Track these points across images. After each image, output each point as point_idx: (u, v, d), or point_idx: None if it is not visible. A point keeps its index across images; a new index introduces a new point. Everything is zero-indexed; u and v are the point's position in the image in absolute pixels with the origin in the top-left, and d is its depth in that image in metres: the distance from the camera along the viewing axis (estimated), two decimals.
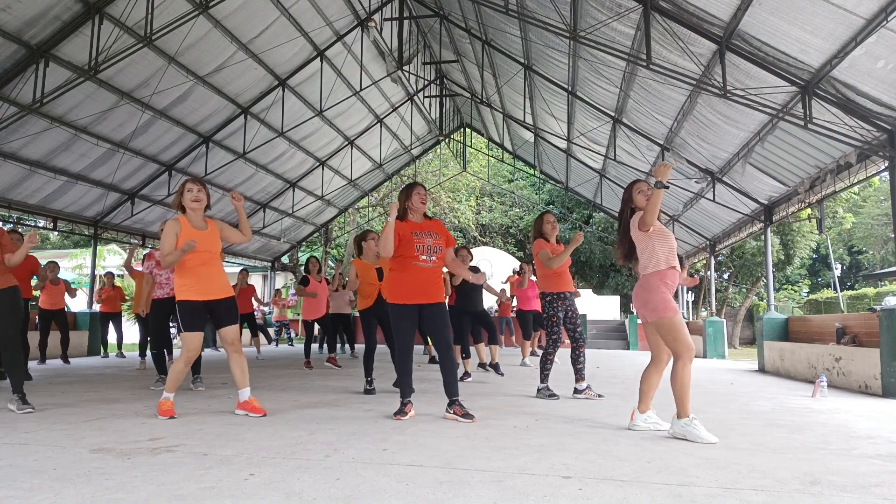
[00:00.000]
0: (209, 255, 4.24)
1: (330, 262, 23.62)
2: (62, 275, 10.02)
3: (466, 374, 7.12)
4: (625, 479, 2.60)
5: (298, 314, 18.68)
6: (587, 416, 4.42)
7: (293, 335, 17.26)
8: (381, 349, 6.95)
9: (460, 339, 7.19)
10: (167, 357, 6.50)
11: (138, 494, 2.32)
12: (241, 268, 12.62)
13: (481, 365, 8.16)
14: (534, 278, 9.54)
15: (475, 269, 7.12)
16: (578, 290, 6.41)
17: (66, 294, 9.42)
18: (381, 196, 25.54)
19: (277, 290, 17.49)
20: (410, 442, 3.36)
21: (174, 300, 4.27)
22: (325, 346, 9.88)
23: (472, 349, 7.57)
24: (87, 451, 3.06)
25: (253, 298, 10.74)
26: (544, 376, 5.54)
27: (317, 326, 9.72)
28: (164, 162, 12.32)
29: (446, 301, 6.50)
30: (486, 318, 7.57)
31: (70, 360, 9.64)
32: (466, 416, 4.07)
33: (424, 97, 16.34)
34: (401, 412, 4.20)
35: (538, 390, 5.56)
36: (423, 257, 4.20)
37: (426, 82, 15.45)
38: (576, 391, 5.50)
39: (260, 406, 4.23)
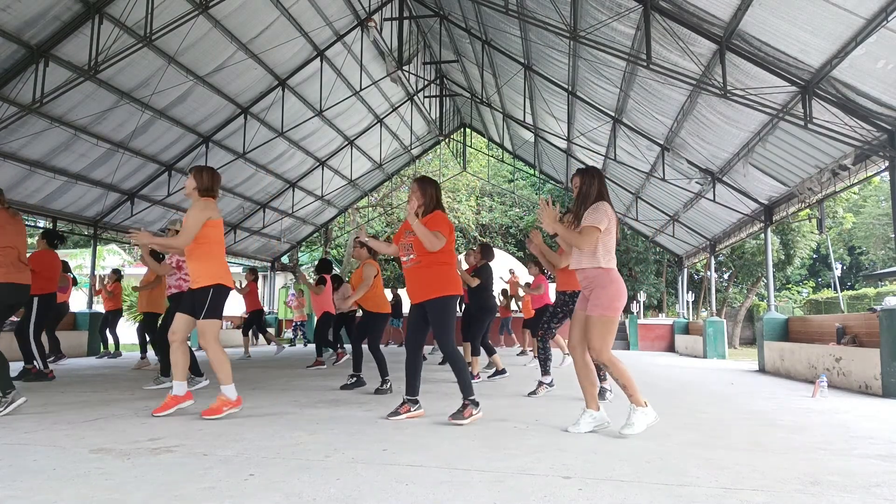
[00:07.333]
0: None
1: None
2: None
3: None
4: (625, 479, 2.60)
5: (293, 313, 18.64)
6: None
7: (306, 335, 17.01)
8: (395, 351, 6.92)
9: (477, 338, 7.00)
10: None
11: (138, 494, 2.32)
12: (251, 267, 12.63)
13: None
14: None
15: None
16: None
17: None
18: (381, 196, 25.51)
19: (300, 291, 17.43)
20: (410, 442, 3.35)
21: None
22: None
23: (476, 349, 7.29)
24: (87, 451, 3.05)
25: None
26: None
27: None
28: (164, 162, 12.33)
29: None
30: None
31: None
32: (455, 416, 4.00)
33: (424, 97, 16.34)
34: (395, 412, 4.18)
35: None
36: (404, 258, 4.23)
37: (426, 82, 15.45)
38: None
39: (215, 406, 4.12)
